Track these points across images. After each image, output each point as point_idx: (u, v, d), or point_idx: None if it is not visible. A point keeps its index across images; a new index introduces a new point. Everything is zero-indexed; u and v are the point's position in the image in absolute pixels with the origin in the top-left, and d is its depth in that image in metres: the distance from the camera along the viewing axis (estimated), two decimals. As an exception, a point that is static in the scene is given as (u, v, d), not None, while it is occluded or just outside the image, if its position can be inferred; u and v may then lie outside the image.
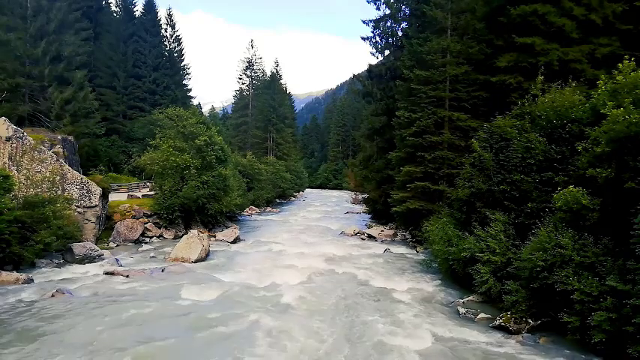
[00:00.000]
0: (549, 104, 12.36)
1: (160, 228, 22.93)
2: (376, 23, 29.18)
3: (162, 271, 15.11)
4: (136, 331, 9.47)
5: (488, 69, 18.76)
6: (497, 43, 18.51)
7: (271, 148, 63.10)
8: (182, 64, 52.82)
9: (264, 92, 65.69)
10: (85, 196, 19.29)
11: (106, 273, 14.39)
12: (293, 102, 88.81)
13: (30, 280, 13.02)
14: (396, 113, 22.29)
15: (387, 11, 28.95)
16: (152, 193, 25.89)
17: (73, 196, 18.82)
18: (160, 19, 49.90)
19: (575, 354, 8.72)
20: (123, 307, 11.03)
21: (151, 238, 21.97)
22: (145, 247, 20.31)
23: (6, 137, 17.90)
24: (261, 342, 9.07)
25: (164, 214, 22.86)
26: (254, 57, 69.33)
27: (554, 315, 9.44)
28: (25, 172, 17.88)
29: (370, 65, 30.89)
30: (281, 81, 71.91)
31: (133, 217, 22.35)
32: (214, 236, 22.99)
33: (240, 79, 69.87)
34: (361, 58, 70.76)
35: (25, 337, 8.94)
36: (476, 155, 13.92)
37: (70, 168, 19.58)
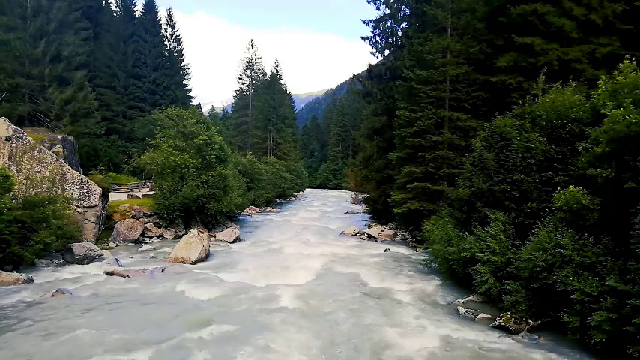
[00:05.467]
0: (549, 104, 12.34)
1: (160, 228, 22.92)
2: (376, 23, 29.14)
3: (162, 271, 15.11)
4: (135, 331, 9.47)
5: (489, 69, 18.76)
6: (497, 43, 18.51)
7: (271, 148, 63.10)
8: (182, 64, 52.91)
9: (264, 92, 65.70)
10: (85, 196, 19.29)
11: (106, 273, 14.39)
12: (293, 102, 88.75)
13: (30, 280, 13.02)
14: (396, 113, 22.27)
15: (387, 11, 28.91)
16: (152, 193, 25.88)
17: (73, 196, 18.81)
18: (160, 19, 50.00)
19: (575, 354, 8.72)
20: (123, 307, 11.04)
21: (151, 238, 21.96)
22: (145, 247, 20.30)
23: (6, 137, 17.91)
24: (262, 342, 9.07)
25: (164, 214, 22.86)
26: (254, 57, 69.45)
27: (554, 315, 9.43)
28: (25, 172, 17.87)
29: (370, 65, 30.86)
30: (281, 81, 71.94)
31: (133, 217, 22.35)
32: (214, 236, 22.99)
33: (240, 79, 69.97)
34: (361, 58, 70.76)
35: (25, 337, 8.94)
36: (476, 155, 13.92)
37: (70, 168, 19.58)
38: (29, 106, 27.55)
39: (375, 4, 28.89)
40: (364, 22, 29.43)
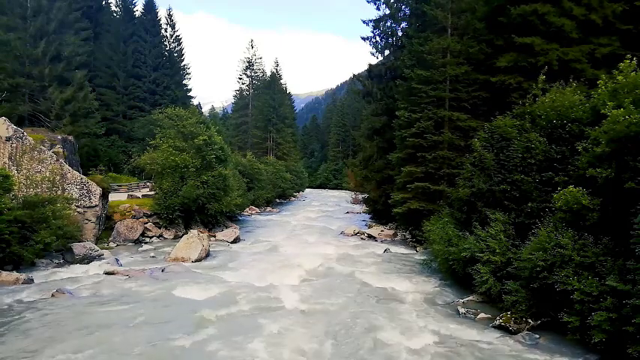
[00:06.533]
0: (549, 104, 12.34)
1: (160, 228, 22.92)
2: (376, 23, 29.15)
3: (163, 271, 15.11)
4: (135, 331, 9.47)
5: (488, 69, 18.75)
6: (497, 43, 18.51)
7: (271, 148, 63.11)
8: (182, 64, 52.89)
9: (264, 92, 65.71)
10: (85, 196, 19.29)
11: (106, 273, 14.38)
12: (293, 102, 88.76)
13: (30, 280, 13.01)
14: (396, 113, 22.27)
15: (387, 11, 28.92)
16: (152, 193, 25.89)
17: (73, 196, 18.81)
18: (160, 19, 49.99)
19: (575, 354, 8.72)
20: (123, 307, 11.04)
21: (151, 238, 21.96)
22: (145, 247, 20.30)
23: (6, 137, 17.91)
24: (262, 342, 9.06)
25: (164, 214, 22.85)
26: (254, 57, 69.46)
27: (554, 315, 9.43)
28: (25, 172, 17.88)
29: (370, 65, 30.86)
30: (281, 81, 71.94)
31: (133, 217, 22.35)
32: (214, 236, 22.99)
33: (240, 79, 69.97)
34: (361, 57, 70.89)
35: (25, 337, 8.94)
36: (476, 155, 13.92)
37: (70, 168, 19.58)
38: (29, 106, 27.54)
39: (375, 4, 28.91)
40: (364, 22, 29.47)
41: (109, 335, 9.11)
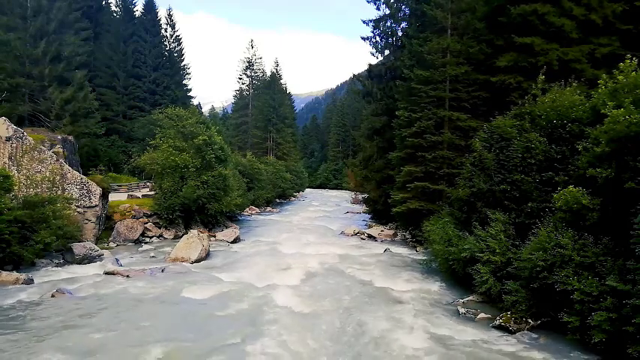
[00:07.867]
0: (549, 104, 12.35)
1: (160, 228, 22.91)
2: (376, 23, 29.15)
3: (163, 271, 15.10)
4: (135, 331, 9.47)
5: (488, 69, 18.76)
6: (497, 43, 18.52)
7: (271, 148, 63.09)
8: (182, 64, 52.89)
9: (264, 92, 65.68)
10: (85, 196, 19.28)
11: (106, 273, 14.38)
12: (293, 102, 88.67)
13: (30, 280, 13.01)
14: (396, 113, 22.27)
15: (387, 11, 28.92)
16: (152, 193, 25.89)
17: (73, 196, 18.80)
18: (160, 19, 50.00)
19: (575, 354, 8.72)
20: (123, 307, 11.04)
21: (151, 238, 21.96)
22: (145, 247, 20.30)
23: (6, 137, 17.91)
24: (262, 342, 9.07)
25: (164, 214, 22.85)
26: (254, 57, 69.41)
27: (554, 315, 9.44)
28: (25, 172, 17.88)
29: (370, 65, 30.86)
30: (281, 81, 71.90)
31: (133, 217, 22.35)
32: (214, 236, 22.99)
33: (240, 79, 69.92)
34: (361, 58, 70.84)
35: (25, 337, 8.93)
36: (476, 155, 13.93)
37: (70, 168, 19.57)
38: (29, 106, 27.55)
39: (375, 4, 28.91)
40: (364, 22, 29.46)
41: (108, 335, 9.11)
